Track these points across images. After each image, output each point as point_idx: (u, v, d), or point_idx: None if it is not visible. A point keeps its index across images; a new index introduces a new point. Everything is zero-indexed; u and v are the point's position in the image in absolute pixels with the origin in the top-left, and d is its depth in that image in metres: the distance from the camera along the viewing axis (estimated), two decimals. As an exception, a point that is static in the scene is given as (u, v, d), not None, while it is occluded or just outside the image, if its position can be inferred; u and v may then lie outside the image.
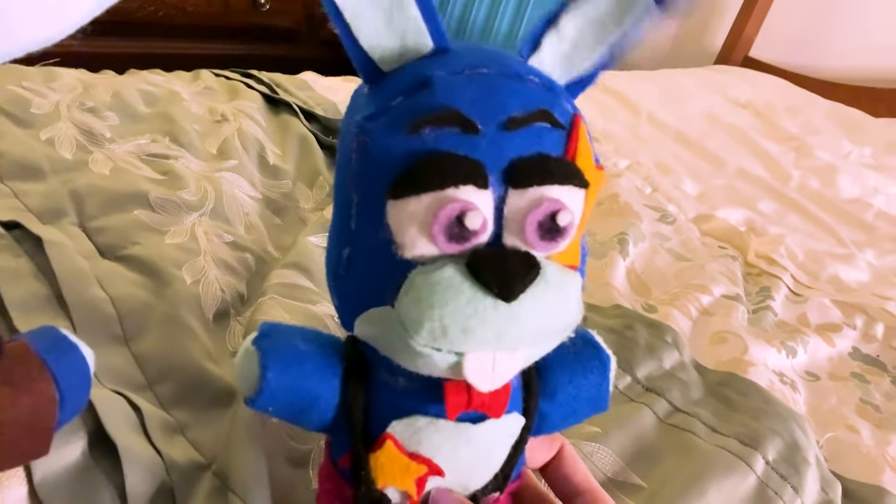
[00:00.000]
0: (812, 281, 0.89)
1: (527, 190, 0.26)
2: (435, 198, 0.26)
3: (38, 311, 0.47)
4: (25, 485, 0.38)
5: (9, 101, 0.69)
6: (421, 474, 0.32)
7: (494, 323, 0.26)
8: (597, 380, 0.35)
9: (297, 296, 0.54)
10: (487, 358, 0.27)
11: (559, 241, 0.27)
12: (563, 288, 0.27)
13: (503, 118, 0.27)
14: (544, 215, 0.26)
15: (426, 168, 0.26)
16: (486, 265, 0.26)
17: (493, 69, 0.28)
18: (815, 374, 0.72)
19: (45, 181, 0.61)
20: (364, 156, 0.28)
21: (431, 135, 0.26)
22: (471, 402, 0.31)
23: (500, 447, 0.33)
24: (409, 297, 0.27)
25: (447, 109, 0.26)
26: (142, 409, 0.43)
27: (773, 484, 0.51)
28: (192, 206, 0.62)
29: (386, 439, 0.32)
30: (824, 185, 1.21)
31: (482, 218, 0.26)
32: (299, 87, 0.94)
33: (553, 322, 0.27)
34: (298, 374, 0.32)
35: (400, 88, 0.28)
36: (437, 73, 0.28)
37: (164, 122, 0.74)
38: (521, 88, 0.28)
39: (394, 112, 0.27)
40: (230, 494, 0.39)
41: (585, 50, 0.29)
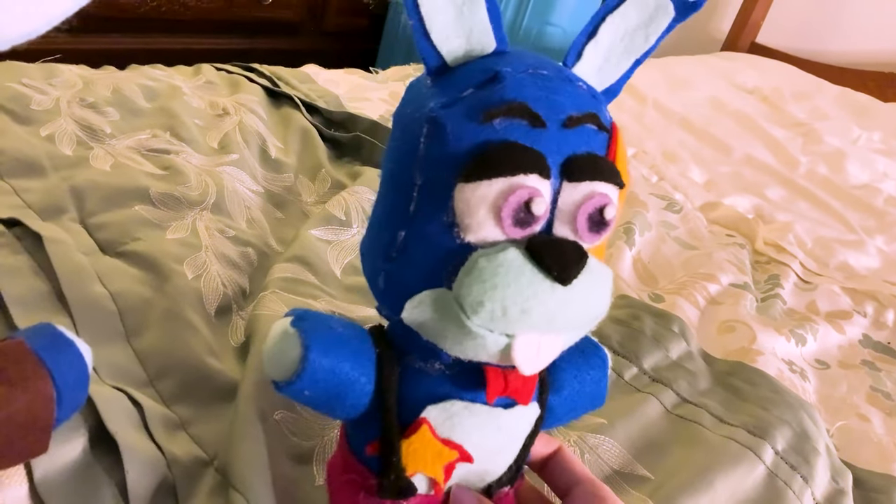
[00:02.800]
0: (821, 268, 0.88)
1: (580, 184, 0.29)
2: (506, 183, 0.28)
3: (38, 308, 0.47)
4: (26, 483, 0.38)
5: (9, 98, 0.69)
6: (451, 460, 0.33)
7: (551, 305, 0.28)
8: (597, 376, 0.37)
9: (298, 290, 0.54)
10: (535, 341, 0.29)
11: (602, 234, 0.29)
12: (603, 278, 0.30)
13: (563, 116, 0.29)
14: (595, 208, 0.29)
15: (499, 155, 0.28)
16: (547, 250, 0.28)
17: (551, 71, 0.30)
18: (824, 362, 0.71)
19: (45, 178, 0.61)
20: (436, 141, 0.29)
21: (503, 125, 0.28)
22: (507, 387, 0.32)
23: (521, 436, 0.34)
24: (471, 278, 0.28)
25: (517, 103, 0.28)
26: (143, 406, 0.43)
27: (782, 474, 0.50)
28: (194, 201, 0.62)
29: (421, 424, 0.32)
30: (833, 170, 1.20)
31: (546, 204, 0.28)
32: (301, 80, 0.94)
33: (594, 309, 0.30)
34: (339, 356, 0.32)
35: (470, 81, 0.30)
36: (506, 69, 0.30)
37: (164, 116, 0.74)
38: (575, 91, 0.30)
39: (466, 102, 0.29)
40: (231, 491, 0.39)
41: (616, 60, 0.32)
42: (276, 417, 0.44)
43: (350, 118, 0.84)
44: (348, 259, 0.61)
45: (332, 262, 0.60)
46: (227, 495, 0.39)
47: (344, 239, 0.63)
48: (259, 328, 0.49)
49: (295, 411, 0.45)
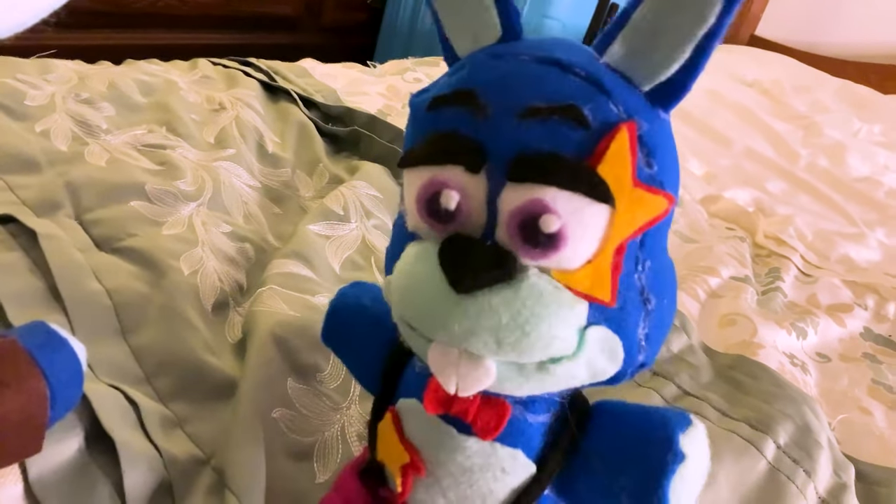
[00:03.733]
0: (822, 261, 0.87)
1: (521, 185, 0.24)
2: (425, 172, 0.26)
3: (33, 305, 0.46)
4: (21, 483, 0.37)
5: (3, 93, 0.68)
6: (404, 462, 0.31)
7: (441, 310, 0.25)
8: (649, 473, 0.28)
9: (297, 286, 0.53)
10: (451, 354, 0.26)
11: (548, 252, 0.24)
12: (536, 303, 0.24)
13: (518, 105, 0.25)
14: (526, 216, 0.24)
15: (426, 144, 0.26)
16: (449, 250, 0.25)
17: (534, 56, 0.26)
18: (826, 355, 0.71)
19: (40, 174, 0.60)
20: (408, 127, 0.29)
21: (445, 114, 0.26)
22: (452, 405, 0.29)
23: (494, 481, 0.30)
24: (396, 268, 0.27)
25: (463, 90, 0.26)
26: (139, 404, 0.42)
27: (784, 468, 0.50)
28: (190, 197, 0.61)
29: (387, 412, 0.32)
30: (833, 163, 1.19)
31: (456, 199, 0.25)
32: (298, 75, 0.93)
33: (515, 338, 0.25)
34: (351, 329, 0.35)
35: (450, 71, 0.29)
36: (479, 56, 0.28)
37: (160, 111, 0.73)
38: (552, 78, 0.25)
39: (433, 90, 0.28)
40: (227, 492, 0.39)
41: (665, 47, 0.25)
42: (274, 415, 0.44)
43: (348, 112, 0.84)
44: (347, 254, 0.61)
45: (331, 258, 0.59)
46: (223, 495, 0.39)
47: (342, 234, 0.62)
48: (257, 325, 0.48)
49: (294, 409, 0.45)
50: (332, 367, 0.48)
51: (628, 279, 0.26)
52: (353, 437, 0.45)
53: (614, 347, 0.27)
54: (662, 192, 0.26)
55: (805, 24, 1.91)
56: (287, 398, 0.45)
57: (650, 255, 0.27)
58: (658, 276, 0.28)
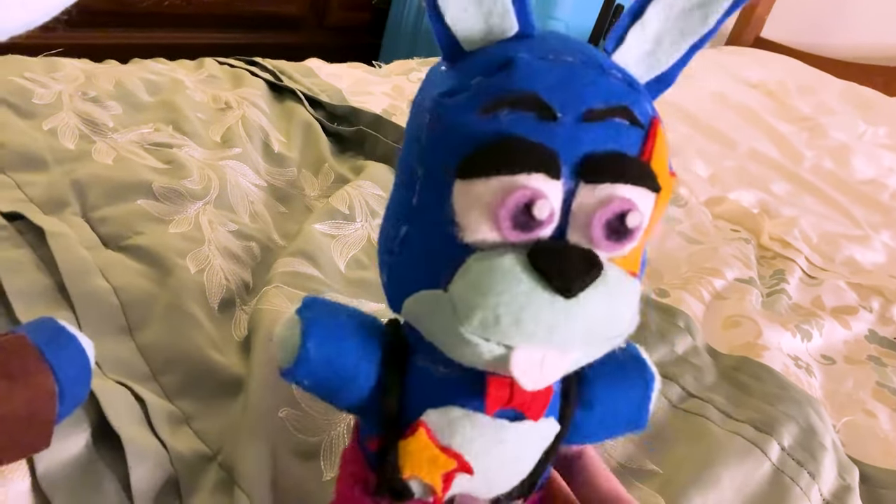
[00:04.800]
0: (827, 263, 0.87)
1: (598, 186, 0.25)
2: (504, 182, 0.25)
3: (40, 302, 0.47)
4: (28, 478, 0.37)
5: (11, 91, 0.68)
6: (449, 469, 0.31)
7: (549, 318, 0.25)
8: (637, 397, 0.33)
9: (302, 285, 0.54)
10: (537, 355, 0.26)
11: (625, 244, 0.26)
12: (622, 293, 0.26)
13: (582, 109, 0.26)
14: (613, 214, 0.26)
15: (498, 151, 0.25)
16: (549, 258, 0.25)
17: (577, 58, 0.27)
18: (830, 357, 0.71)
19: (47, 172, 0.60)
20: (436, 132, 0.27)
21: (507, 117, 0.26)
22: (512, 400, 0.30)
23: (532, 451, 0.32)
24: (465, 282, 0.26)
25: (526, 93, 0.26)
26: (146, 401, 0.42)
27: (788, 470, 0.50)
28: (196, 195, 0.61)
29: (419, 427, 0.31)
30: (838, 165, 1.19)
31: (550, 208, 0.25)
32: (304, 74, 0.93)
33: (608, 327, 0.26)
34: (338, 349, 0.31)
35: (481, 68, 0.27)
36: (521, 55, 0.27)
37: (167, 110, 0.73)
38: (603, 81, 0.27)
39: (472, 91, 0.27)
40: (236, 489, 0.39)
41: (669, 46, 0.29)
42: (281, 415, 0.44)
43: (353, 112, 0.84)
44: (352, 253, 0.61)
45: (336, 257, 0.60)
46: (231, 492, 0.39)
47: (348, 233, 0.63)
48: (262, 323, 0.48)
49: (300, 408, 0.45)
50: (337, 366, 0.48)
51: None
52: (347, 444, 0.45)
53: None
54: (674, 174, 0.28)
55: (810, 26, 1.91)
56: (293, 398, 0.45)
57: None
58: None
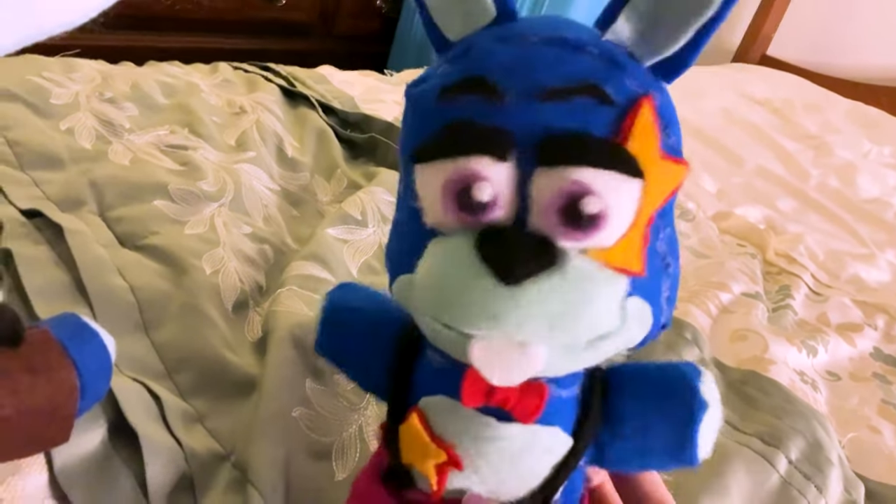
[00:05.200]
0: (832, 280, 0.88)
1: (555, 169, 0.24)
2: (448, 166, 0.25)
3: (58, 298, 0.47)
4: (46, 472, 0.38)
5: (29, 90, 0.69)
6: (440, 461, 0.31)
7: (491, 305, 0.24)
8: (679, 425, 0.29)
9: (316, 288, 0.54)
10: (495, 346, 0.25)
11: (590, 233, 0.24)
12: (585, 285, 0.25)
13: (536, 88, 0.25)
14: (566, 199, 0.24)
15: (444, 135, 0.26)
16: (492, 243, 0.25)
17: (542, 37, 0.26)
18: (836, 373, 0.71)
19: (64, 171, 0.61)
20: (406, 120, 0.28)
21: (459, 102, 0.26)
22: (492, 396, 0.29)
23: (536, 461, 0.31)
24: (421, 266, 0.26)
25: (475, 76, 0.26)
26: (161, 398, 0.43)
27: (796, 483, 0.50)
28: (212, 197, 0.62)
29: (412, 414, 0.31)
30: (844, 183, 1.20)
31: (490, 191, 0.25)
32: (317, 81, 0.94)
33: (566, 321, 0.25)
34: (350, 332, 0.33)
35: (448, 56, 0.27)
36: (480, 38, 0.27)
37: (182, 113, 0.74)
38: (568, 58, 0.25)
39: (434, 79, 0.27)
40: (249, 487, 0.39)
41: (667, 28, 0.26)
42: (294, 414, 0.44)
43: (365, 119, 0.84)
44: (364, 258, 0.62)
45: (349, 261, 0.60)
46: (244, 491, 0.39)
47: (360, 238, 0.63)
48: (277, 325, 0.49)
49: (313, 408, 0.45)
50: (348, 370, 0.49)
51: (653, 248, 0.27)
52: (371, 437, 0.45)
53: (645, 314, 0.27)
54: (683, 161, 0.26)
55: (816, 45, 1.92)
56: (306, 398, 0.46)
57: (668, 222, 0.28)
58: (672, 240, 0.29)
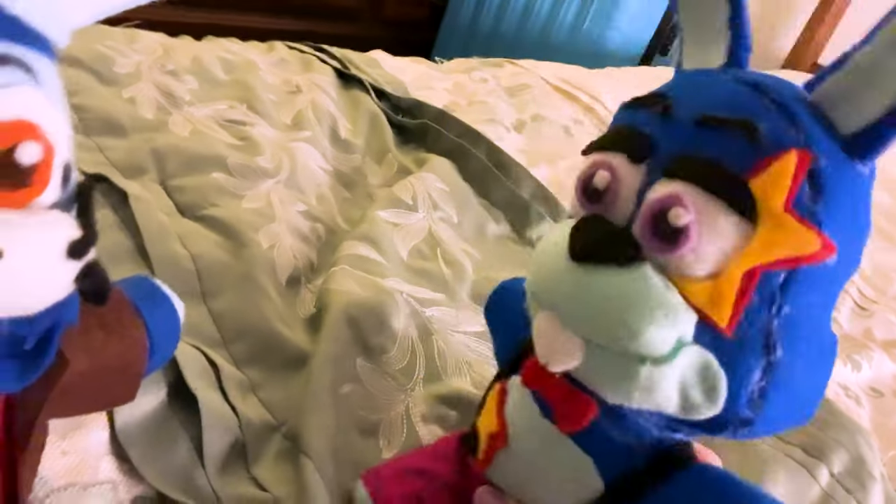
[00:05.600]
0: (878, 296, 0.86)
1: (671, 181, 0.25)
2: (593, 157, 0.28)
3: (121, 262, 0.48)
4: (108, 429, 0.39)
5: (93, 58, 0.70)
6: (492, 431, 0.33)
7: (557, 278, 0.26)
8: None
9: (367, 268, 0.55)
10: (554, 324, 0.27)
11: (670, 245, 0.24)
12: (644, 295, 0.24)
13: (700, 113, 0.26)
14: (660, 207, 0.25)
15: (605, 134, 0.29)
16: (583, 224, 0.27)
17: (735, 75, 0.27)
18: (879, 390, 0.70)
19: (126, 138, 0.62)
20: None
21: (637, 111, 0.28)
22: (545, 383, 0.30)
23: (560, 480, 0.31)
24: (537, 245, 0.29)
25: (659, 94, 0.28)
26: (218, 366, 0.44)
27: (838, 496, 0.50)
28: (268, 174, 0.63)
29: (497, 384, 0.34)
30: (894, 197, 1.17)
31: (607, 180, 0.27)
32: (369, 65, 0.94)
33: (612, 321, 0.25)
34: (508, 306, 0.39)
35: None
36: (691, 71, 0.30)
37: (241, 89, 0.75)
38: (742, 96, 0.26)
39: (643, 94, 0.29)
40: (302, 456, 0.40)
41: (875, 90, 0.24)
42: (344, 390, 0.45)
43: (417, 105, 0.85)
44: (414, 243, 0.62)
45: (399, 245, 0.61)
46: (296, 460, 0.40)
47: (410, 223, 0.64)
48: (332, 302, 0.49)
49: (362, 385, 0.46)
50: (397, 350, 0.50)
51: (755, 315, 0.25)
52: (418, 418, 0.46)
53: (716, 382, 0.25)
54: (817, 231, 0.24)
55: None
56: (356, 375, 0.46)
57: (792, 304, 0.25)
58: (796, 332, 0.25)
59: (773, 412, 0.26)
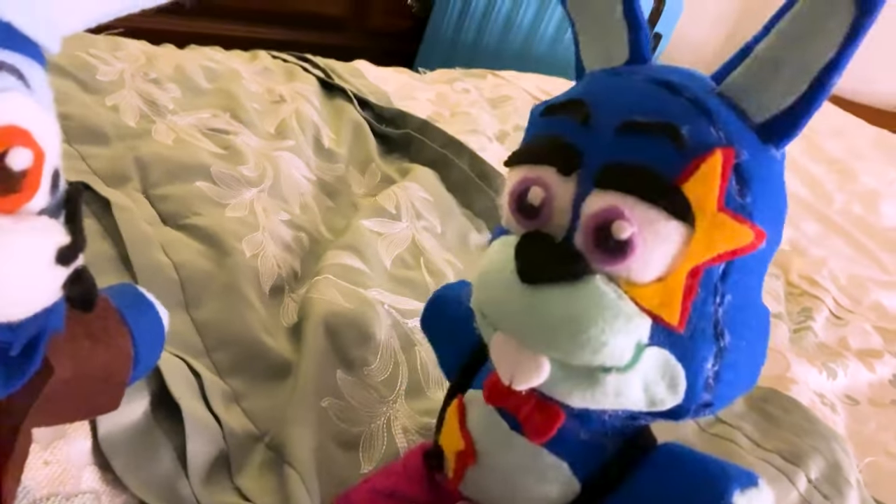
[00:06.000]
0: (854, 305, 0.88)
1: (605, 192, 0.25)
2: (521, 171, 0.28)
3: (104, 270, 0.48)
4: (90, 439, 0.39)
5: (76, 66, 0.70)
6: (459, 449, 0.33)
7: (507, 300, 0.26)
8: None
9: (351, 278, 0.55)
10: (511, 345, 0.27)
11: (616, 258, 0.25)
12: (598, 308, 0.25)
13: (621, 119, 0.26)
14: (600, 220, 0.25)
15: (529, 145, 0.29)
16: (526, 242, 0.27)
17: (649, 76, 0.27)
18: (854, 398, 0.71)
19: (109, 146, 0.62)
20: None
21: (555, 119, 0.28)
22: (509, 399, 0.30)
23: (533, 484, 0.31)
24: (480, 261, 0.29)
25: (575, 99, 0.28)
26: (202, 376, 0.43)
27: (815, 502, 0.50)
28: (252, 182, 0.63)
29: (455, 400, 0.34)
30: (867, 210, 1.20)
31: (542, 196, 0.27)
32: (353, 75, 0.95)
33: (567, 333, 0.25)
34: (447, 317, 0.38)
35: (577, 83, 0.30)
36: (600, 72, 0.29)
37: (224, 98, 0.75)
38: (659, 97, 0.26)
39: (554, 98, 0.29)
40: (286, 467, 0.40)
41: (784, 81, 0.25)
42: (323, 404, 0.45)
43: (401, 115, 0.85)
44: (397, 252, 0.62)
45: (383, 254, 0.61)
46: (279, 471, 0.40)
47: (394, 232, 0.64)
48: (312, 312, 0.49)
49: (343, 399, 0.46)
50: (379, 361, 0.50)
51: (702, 308, 0.26)
52: (398, 430, 0.46)
53: (675, 376, 0.26)
54: (750, 224, 0.25)
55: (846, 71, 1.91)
56: (336, 388, 0.46)
57: (732, 291, 0.26)
58: (739, 315, 0.27)
59: (726, 390, 0.27)
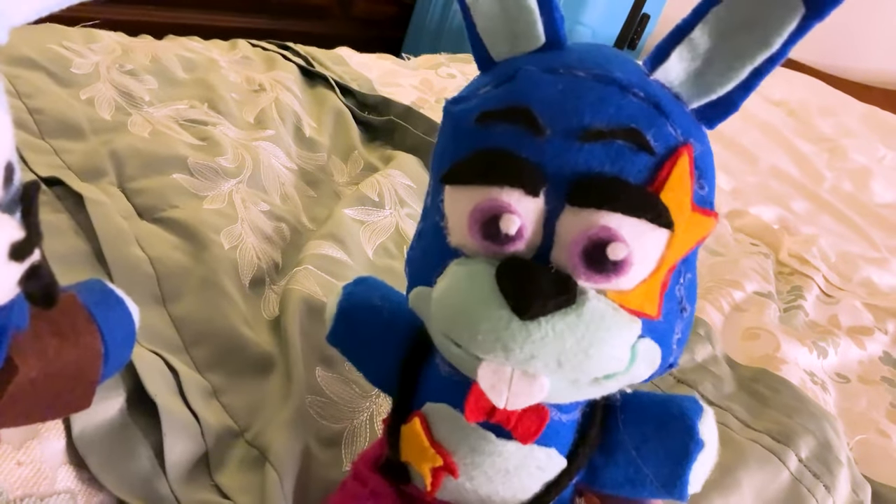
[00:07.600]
0: (844, 283, 0.87)
1: (582, 210, 0.24)
2: (477, 193, 0.25)
3: (78, 266, 0.47)
4: (64, 438, 0.38)
5: (50, 59, 0.69)
6: (436, 465, 0.32)
7: (505, 336, 0.24)
8: (673, 459, 0.31)
9: (331, 270, 0.54)
10: (503, 372, 0.26)
11: (612, 277, 0.25)
12: (599, 327, 0.24)
13: (578, 126, 0.24)
14: (591, 243, 0.24)
15: (479, 162, 0.26)
16: (512, 275, 0.24)
17: (590, 73, 0.26)
18: (845, 376, 0.71)
19: (84, 140, 0.61)
20: (442, 135, 0.28)
21: (497, 129, 0.25)
22: (493, 414, 0.29)
23: (528, 477, 0.31)
24: (440, 284, 0.27)
25: (519, 106, 0.25)
26: (179, 372, 0.43)
27: (806, 481, 0.50)
28: (230, 173, 0.62)
29: (415, 417, 0.32)
30: (858, 188, 1.19)
31: (518, 224, 0.25)
32: (335, 62, 0.94)
33: (582, 360, 0.25)
34: (363, 328, 0.35)
35: (494, 77, 0.27)
36: (529, 67, 0.26)
37: (202, 88, 0.74)
38: (614, 99, 0.25)
39: (476, 100, 0.27)
40: (267, 466, 0.39)
41: (722, 67, 0.25)
42: (306, 401, 0.44)
43: (384, 102, 0.84)
44: (380, 241, 0.61)
45: (365, 243, 0.60)
46: (258, 468, 0.39)
47: (376, 220, 0.63)
48: (291, 304, 0.49)
49: (324, 395, 0.45)
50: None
51: (671, 292, 0.27)
52: (381, 426, 0.45)
53: (655, 356, 0.27)
54: (713, 213, 0.26)
55: (834, 48, 1.91)
56: (316, 386, 0.45)
57: (690, 268, 0.28)
58: (692, 285, 0.29)
59: (682, 347, 0.29)
